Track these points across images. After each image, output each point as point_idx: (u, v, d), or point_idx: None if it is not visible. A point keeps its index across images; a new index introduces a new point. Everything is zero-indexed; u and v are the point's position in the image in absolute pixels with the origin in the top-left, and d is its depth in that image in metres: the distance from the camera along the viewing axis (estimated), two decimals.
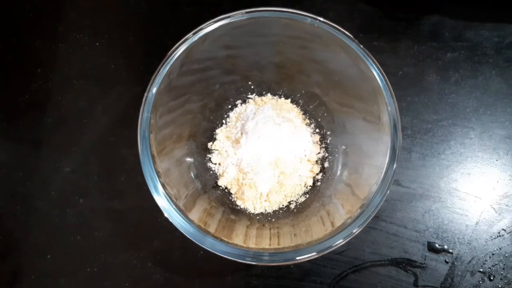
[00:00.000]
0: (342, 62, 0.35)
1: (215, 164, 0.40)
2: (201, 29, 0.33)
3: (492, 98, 0.44)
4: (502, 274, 0.40)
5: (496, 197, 0.41)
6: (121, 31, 0.46)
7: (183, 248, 0.40)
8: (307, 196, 0.39)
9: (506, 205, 0.41)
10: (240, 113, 0.41)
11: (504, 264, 0.40)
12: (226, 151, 0.40)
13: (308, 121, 0.41)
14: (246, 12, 0.33)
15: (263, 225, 0.36)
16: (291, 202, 0.39)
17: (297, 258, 0.30)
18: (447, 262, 0.40)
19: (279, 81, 0.41)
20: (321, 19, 0.33)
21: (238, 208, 0.39)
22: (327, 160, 0.40)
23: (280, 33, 0.36)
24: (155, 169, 0.31)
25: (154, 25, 0.46)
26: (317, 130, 0.41)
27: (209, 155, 0.41)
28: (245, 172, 0.38)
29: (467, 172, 0.42)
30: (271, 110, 0.39)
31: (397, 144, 0.31)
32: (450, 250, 0.40)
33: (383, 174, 0.31)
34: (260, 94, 0.42)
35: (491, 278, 0.40)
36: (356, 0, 0.46)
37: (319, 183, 0.39)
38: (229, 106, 0.42)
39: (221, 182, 0.39)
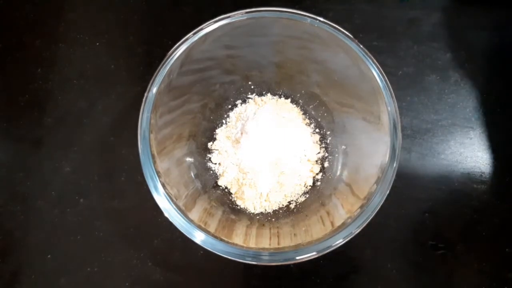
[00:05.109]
0: (342, 62, 0.35)
1: (215, 164, 0.40)
2: (201, 29, 0.33)
3: (492, 98, 0.44)
4: (502, 274, 0.40)
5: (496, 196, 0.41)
6: (121, 31, 0.46)
7: (183, 248, 0.40)
8: (307, 196, 0.39)
9: (506, 204, 0.41)
10: (240, 113, 0.41)
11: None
12: (226, 151, 0.40)
13: (308, 121, 0.41)
14: (246, 12, 0.33)
15: (263, 225, 0.36)
16: (291, 202, 0.39)
17: (297, 258, 0.30)
18: (447, 262, 0.40)
19: (279, 81, 0.41)
20: (321, 19, 0.33)
21: (238, 208, 0.39)
22: (327, 160, 0.40)
23: (280, 33, 0.36)
24: (155, 169, 0.31)
25: (154, 25, 0.46)
26: (317, 130, 0.41)
27: (209, 155, 0.41)
28: (245, 172, 0.38)
29: (466, 172, 0.42)
30: (271, 110, 0.39)
31: (396, 144, 0.31)
32: (451, 250, 0.40)
33: (383, 174, 0.31)
34: (260, 94, 0.42)
35: (491, 278, 0.40)
36: (356, 0, 0.46)
37: (319, 183, 0.39)
38: (229, 106, 0.42)
39: (221, 182, 0.39)
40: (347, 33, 0.33)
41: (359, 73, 0.33)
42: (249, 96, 0.42)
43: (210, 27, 0.33)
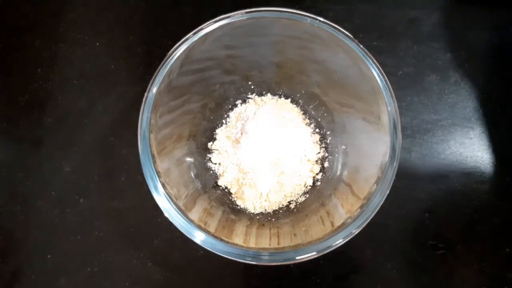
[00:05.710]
0: (342, 62, 0.35)
1: (215, 164, 0.40)
2: (201, 29, 0.33)
3: (492, 98, 0.44)
4: (502, 274, 0.40)
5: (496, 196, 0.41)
6: (121, 31, 0.46)
7: (183, 248, 0.40)
8: (307, 196, 0.39)
9: (506, 204, 0.41)
10: (240, 113, 0.41)
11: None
12: (226, 151, 0.40)
13: (308, 121, 0.41)
14: (246, 12, 0.33)
15: (263, 225, 0.36)
16: (291, 202, 0.39)
17: (297, 258, 0.30)
18: (447, 262, 0.40)
19: (279, 81, 0.41)
20: (321, 19, 0.33)
21: (238, 208, 0.39)
22: (327, 160, 0.40)
23: (280, 33, 0.36)
24: (155, 169, 0.31)
25: (154, 25, 0.46)
26: (317, 130, 0.41)
27: (209, 155, 0.41)
28: (245, 172, 0.38)
29: (466, 172, 0.42)
30: (271, 110, 0.39)
31: (396, 144, 0.31)
32: (451, 250, 0.40)
33: (383, 174, 0.31)
34: (260, 94, 0.42)
35: (491, 278, 0.40)
36: (356, 0, 0.46)
37: (319, 183, 0.39)
38: (229, 106, 0.42)
39: (221, 182, 0.39)
40: (347, 33, 0.33)
41: (359, 73, 0.33)
42: (249, 96, 0.42)
43: (210, 27, 0.33)
